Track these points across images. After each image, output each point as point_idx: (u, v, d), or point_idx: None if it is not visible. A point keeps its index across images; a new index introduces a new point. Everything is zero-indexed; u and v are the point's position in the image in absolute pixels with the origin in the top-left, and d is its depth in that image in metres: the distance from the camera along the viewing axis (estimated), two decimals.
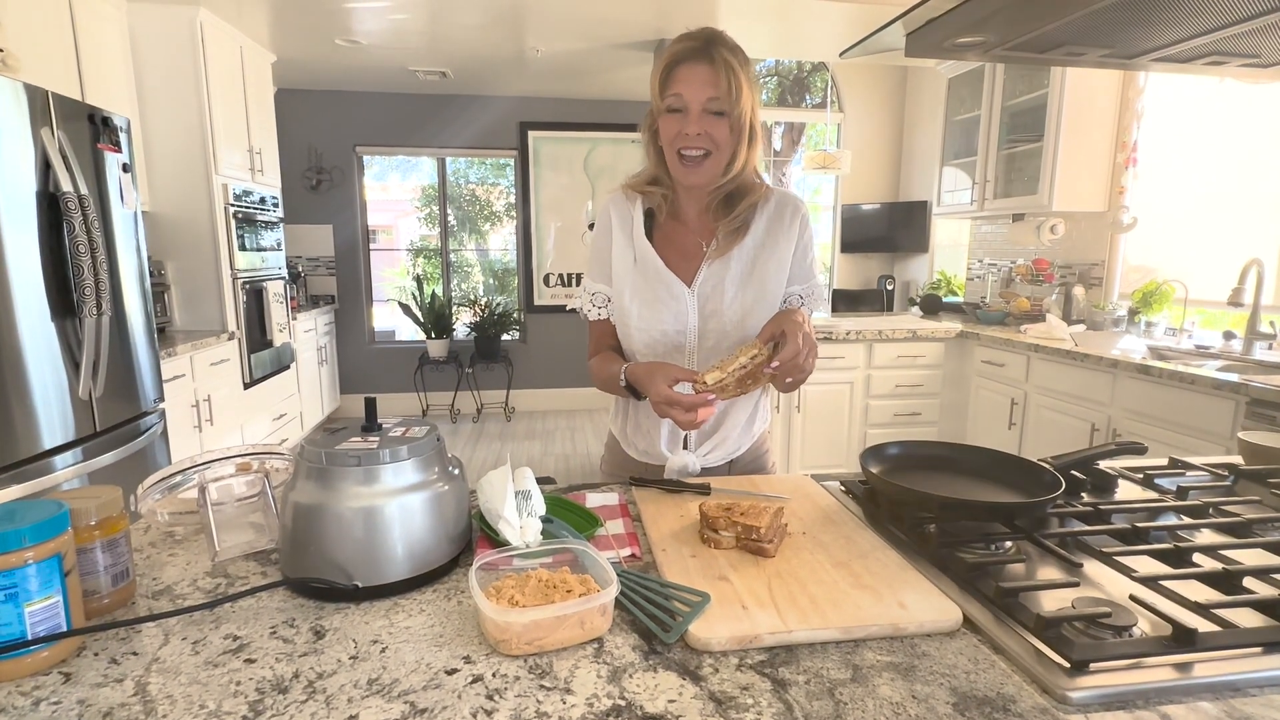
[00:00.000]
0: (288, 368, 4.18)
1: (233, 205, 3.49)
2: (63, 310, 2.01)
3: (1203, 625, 0.64)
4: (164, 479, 0.90)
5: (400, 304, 5.35)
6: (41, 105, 1.95)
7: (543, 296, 5.61)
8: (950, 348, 3.57)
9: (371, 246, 5.57)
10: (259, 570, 0.82)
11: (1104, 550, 0.81)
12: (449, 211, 5.75)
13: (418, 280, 5.51)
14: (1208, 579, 0.74)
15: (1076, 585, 0.73)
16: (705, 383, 1.00)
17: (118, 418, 2.29)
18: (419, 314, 5.26)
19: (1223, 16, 0.94)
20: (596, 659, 0.63)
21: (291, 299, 4.31)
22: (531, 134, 5.40)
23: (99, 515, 0.71)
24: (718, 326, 1.17)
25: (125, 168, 2.34)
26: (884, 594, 0.72)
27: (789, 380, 1.04)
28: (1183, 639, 0.62)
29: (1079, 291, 3.48)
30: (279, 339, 4.00)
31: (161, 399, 2.58)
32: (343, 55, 4.21)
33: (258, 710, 0.56)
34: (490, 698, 0.57)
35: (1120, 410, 2.59)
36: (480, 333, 5.32)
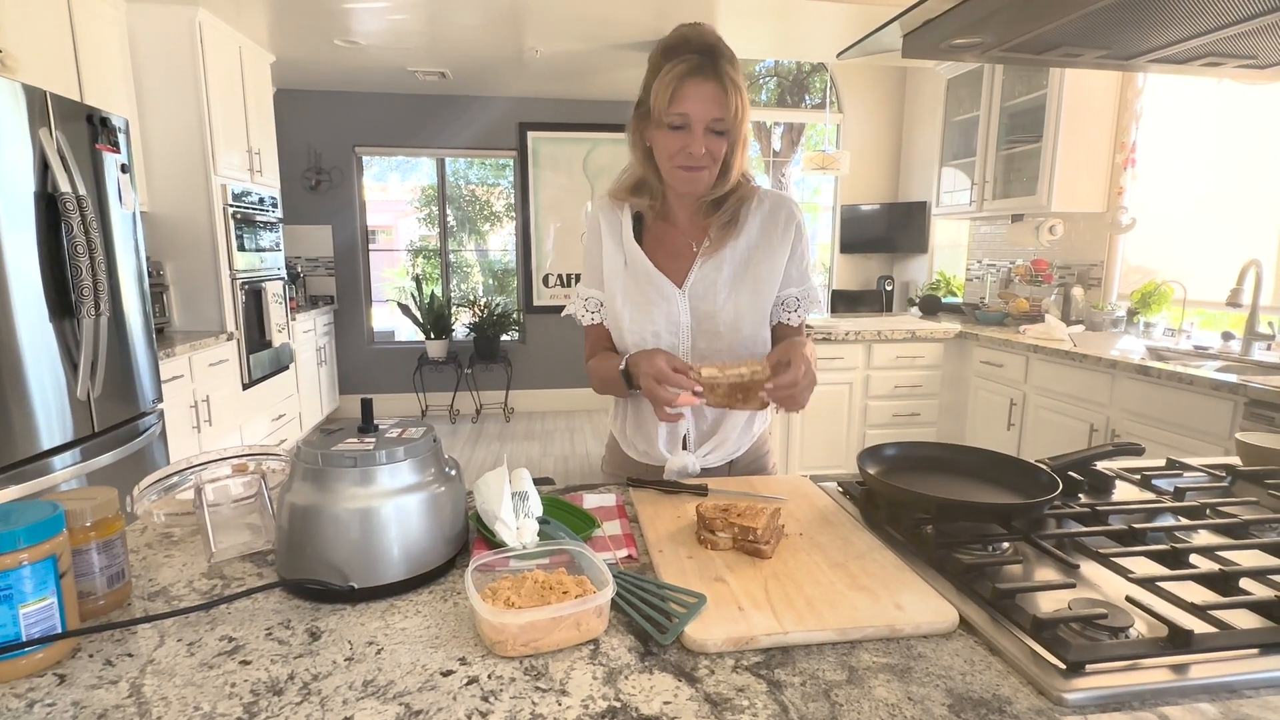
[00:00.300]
0: (286, 368, 4.18)
1: (231, 206, 3.49)
2: (61, 311, 2.00)
3: (1199, 626, 0.63)
4: (160, 480, 0.90)
5: (399, 304, 5.35)
6: (40, 106, 1.95)
7: (542, 297, 5.61)
8: (949, 348, 3.57)
9: (371, 247, 5.57)
10: (255, 571, 0.82)
11: (1101, 551, 0.81)
12: (448, 212, 5.75)
13: (417, 281, 5.51)
14: (1204, 580, 0.73)
15: (1073, 586, 0.73)
16: (700, 373, 1.01)
17: (116, 418, 2.29)
18: (418, 314, 5.26)
19: (1219, 18, 0.94)
20: (592, 660, 0.63)
21: (290, 299, 4.31)
22: (531, 134, 5.40)
23: (94, 516, 0.71)
24: (711, 328, 1.17)
25: (124, 168, 2.34)
26: (880, 595, 0.72)
27: (781, 408, 1.05)
28: (1179, 640, 0.62)
29: (1078, 292, 3.48)
30: (278, 339, 4.00)
31: (160, 400, 2.58)
32: (342, 56, 4.21)
33: (252, 712, 0.56)
34: (486, 699, 0.57)
35: (1119, 411, 2.59)
36: (479, 333, 5.32)
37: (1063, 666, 0.60)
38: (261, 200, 3.86)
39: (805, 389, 1.02)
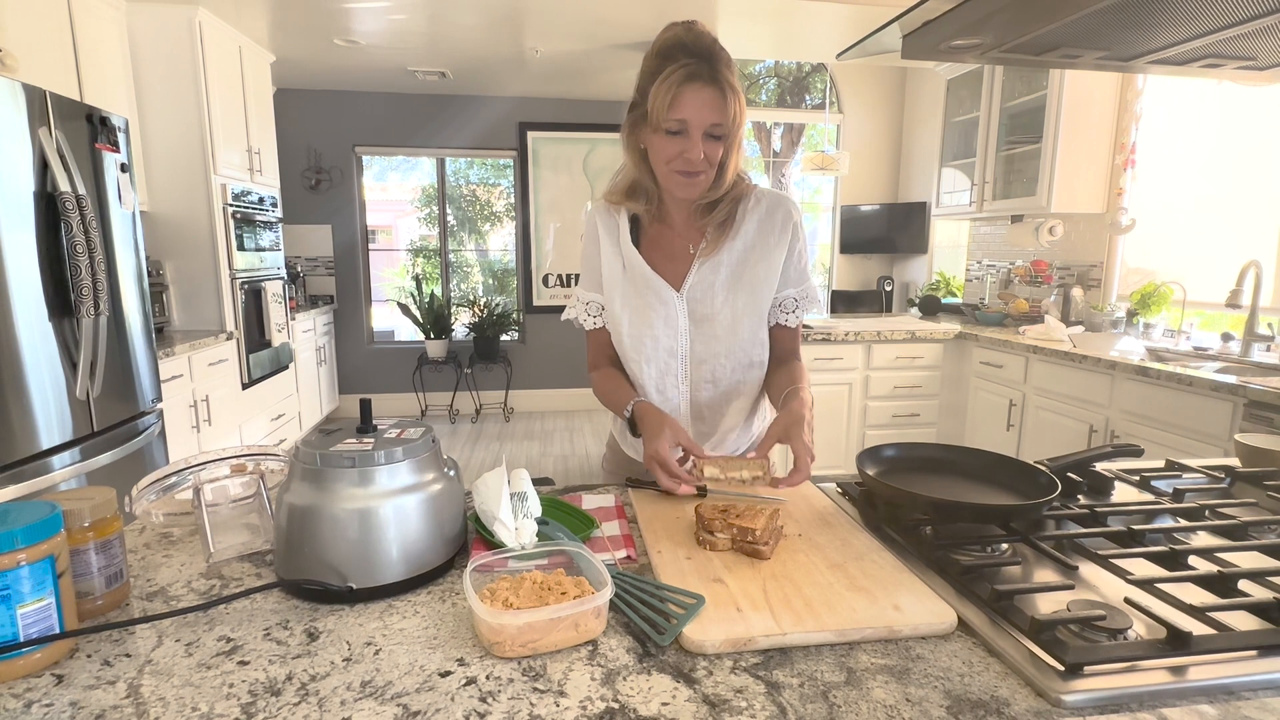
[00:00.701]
0: (286, 368, 4.18)
1: (231, 205, 3.49)
2: (60, 310, 2.00)
3: (1198, 628, 0.64)
4: (159, 480, 0.90)
5: (399, 304, 5.35)
6: (39, 105, 1.95)
7: (542, 297, 5.61)
8: (949, 349, 3.57)
9: (370, 247, 5.57)
10: (254, 572, 0.82)
11: (1099, 553, 0.81)
12: (448, 212, 5.75)
13: (417, 280, 5.51)
14: (1203, 582, 0.73)
15: (1072, 588, 0.73)
16: (701, 471, 0.98)
17: (116, 418, 2.28)
18: (418, 314, 5.26)
19: (1218, 19, 0.94)
20: (591, 661, 0.63)
21: (290, 299, 4.31)
22: (531, 134, 5.40)
23: (93, 517, 0.71)
24: (709, 331, 1.17)
25: (123, 168, 2.33)
26: (879, 596, 0.72)
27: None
28: (1178, 642, 0.62)
29: (1077, 293, 3.48)
30: (277, 339, 4.00)
31: (159, 399, 2.58)
32: (342, 55, 4.21)
33: (250, 713, 0.56)
34: (484, 700, 0.57)
35: (1118, 412, 2.59)
36: (479, 333, 5.32)
37: (1061, 668, 0.60)
38: (261, 200, 3.86)
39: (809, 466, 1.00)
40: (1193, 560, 0.80)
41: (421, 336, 5.35)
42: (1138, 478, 1.11)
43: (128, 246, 2.36)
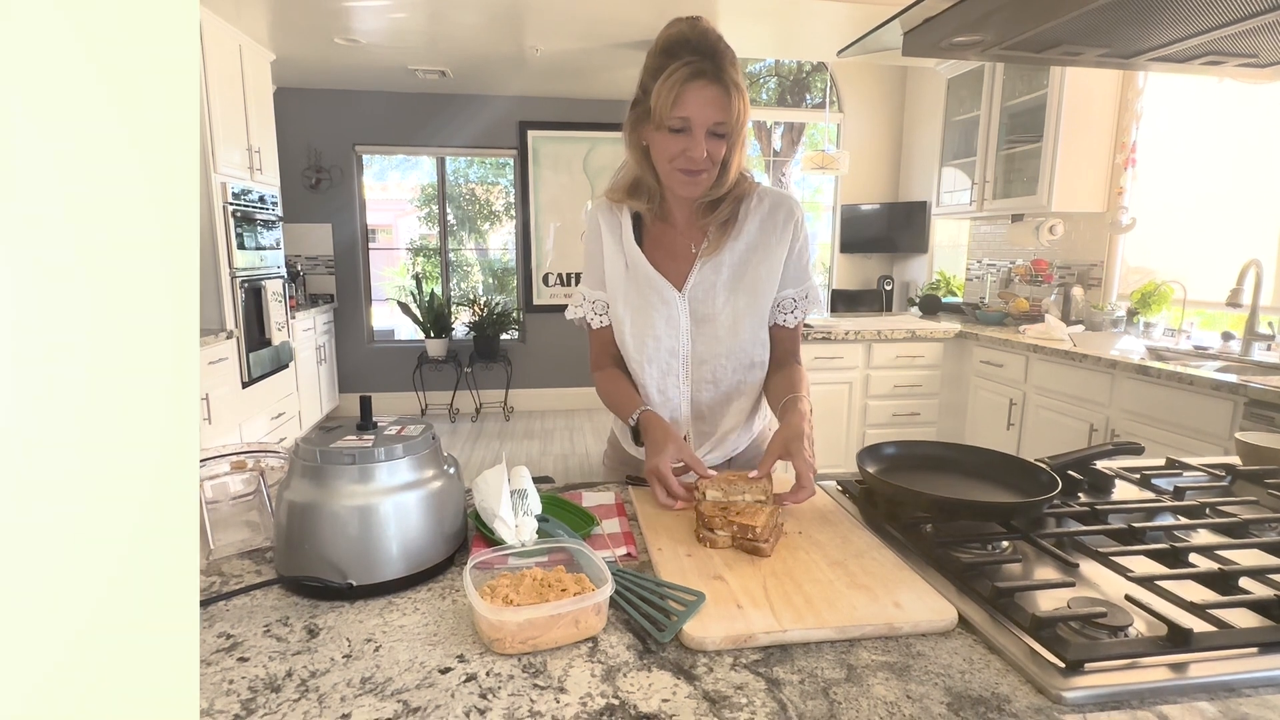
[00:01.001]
0: (286, 367, 4.18)
1: (231, 204, 3.49)
2: None
3: (1198, 625, 0.63)
4: None
5: (399, 303, 5.35)
6: None
7: (542, 296, 5.61)
8: (949, 348, 3.57)
9: (370, 246, 5.57)
10: (253, 569, 0.82)
11: (1100, 550, 0.81)
12: (448, 211, 5.75)
13: (417, 279, 5.51)
14: (1204, 579, 0.73)
15: (1072, 585, 0.73)
16: (703, 494, 0.94)
17: None
18: (418, 313, 5.26)
19: (1220, 16, 0.94)
20: (591, 658, 0.63)
21: (290, 298, 4.31)
22: (531, 133, 5.39)
23: None
24: (710, 332, 1.16)
25: None
26: (879, 594, 0.72)
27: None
28: (1178, 639, 0.62)
29: (1078, 292, 3.48)
30: (277, 338, 4.00)
31: None
32: (342, 54, 4.21)
33: (250, 709, 0.56)
34: (484, 696, 0.57)
35: (1118, 411, 2.59)
36: (479, 332, 5.32)
37: (1062, 665, 0.60)
38: (261, 198, 3.86)
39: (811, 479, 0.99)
40: (1193, 558, 0.80)
41: (421, 335, 5.34)
42: (1138, 475, 1.11)
43: None
